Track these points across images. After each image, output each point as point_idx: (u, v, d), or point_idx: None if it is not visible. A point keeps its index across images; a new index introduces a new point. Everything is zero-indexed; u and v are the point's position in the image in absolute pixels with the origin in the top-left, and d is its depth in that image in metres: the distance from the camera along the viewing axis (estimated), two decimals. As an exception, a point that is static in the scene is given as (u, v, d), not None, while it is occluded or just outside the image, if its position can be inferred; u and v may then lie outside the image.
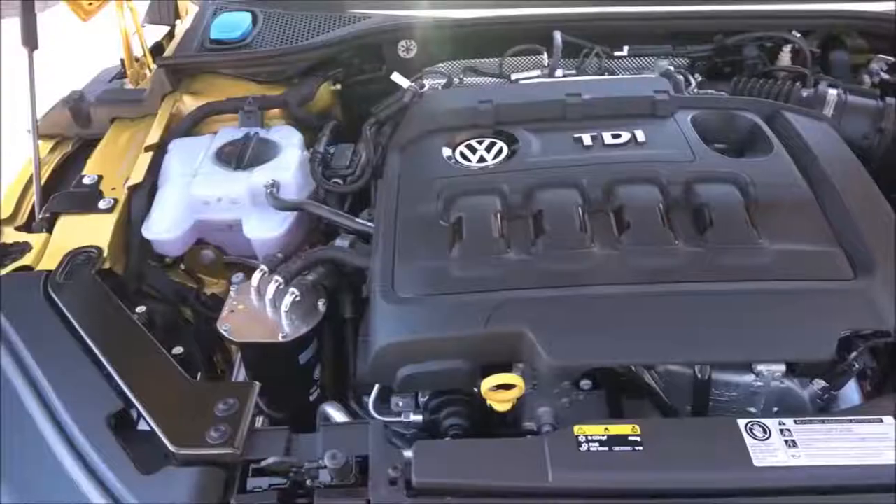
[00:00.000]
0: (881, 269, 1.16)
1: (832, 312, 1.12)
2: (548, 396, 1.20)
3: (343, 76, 1.97)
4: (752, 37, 1.90)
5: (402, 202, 1.39)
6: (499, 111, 1.54)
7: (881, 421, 1.00)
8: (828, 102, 1.62)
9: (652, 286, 1.16)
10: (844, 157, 1.43)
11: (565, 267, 1.21)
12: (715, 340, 1.10)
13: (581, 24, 1.90)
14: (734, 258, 1.20)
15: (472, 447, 1.03)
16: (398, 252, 1.29)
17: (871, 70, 1.87)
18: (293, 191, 1.59)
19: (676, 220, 1.28)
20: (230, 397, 1.08)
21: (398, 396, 1.24)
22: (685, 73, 1.86)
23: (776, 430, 0.99)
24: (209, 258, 1.63)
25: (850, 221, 1.24)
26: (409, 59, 1.97)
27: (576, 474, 0.95)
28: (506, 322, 1.13)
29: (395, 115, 1.71)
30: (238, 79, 1.91)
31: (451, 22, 1.96)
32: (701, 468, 0.95)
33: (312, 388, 1.44)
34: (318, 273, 1.40)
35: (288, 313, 1.32)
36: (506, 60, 1.92)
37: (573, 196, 1.32)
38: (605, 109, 1.53)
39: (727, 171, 1.35)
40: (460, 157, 1.48)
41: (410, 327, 1.17)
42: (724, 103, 1.62)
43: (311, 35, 1.95)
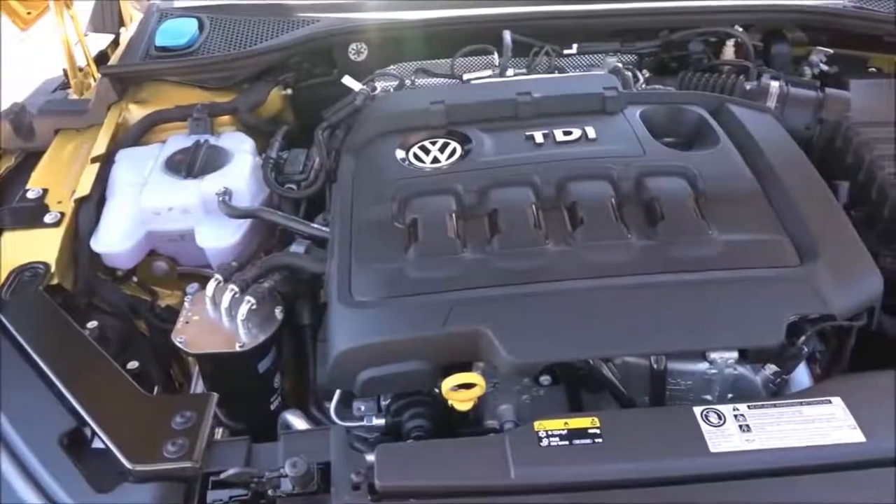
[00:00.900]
0: (825, 255, 1.19)
1: (780, 299, 1.15)
2: (509, 394, 1.21)
3: (294, 80, 1.95)
4: (696, 32, 1.94)
5: (357, 205, 1.38)
6: (451, 112, 1.54)
7: (830, 402, 1.03)
8: (770, 94, 1.66)
9: (606, 280, 1.18)
10: (788, 148, 1.47)
11: (521, 264, 1.22)
12: (669, 331, 1.12)
13: (530, 23, 1.92)
14: (685, 250, 1.22)
15: (435, 448, 1.03)
16: (354, 256, 1.28)
17: (811, 62, 1.92)
18: (246, 198, 1.57)
19: (628, 214, 1.30)
20: (187, 410, 1.06)
21: (360, 401, 1.24)
22: (633, 69, 1.90)
23: (731, 416, 1.01)
24: (162, 269, 1.60)
25: (795, 210, 1.28)
26: (361, 62, 1.96)
27: (537, 470, 0.96)
28: (464, 321, 1.14)
29: (348, 118, 1.70)
30: (186, 86, 1.87)
31: (401, 24, 1.96)
32: (659, 457, 0.96)
33: (273, 397, 1.43)
34: (275, 280, 1.39)
35: (245, 322, 1.31)
36: (457, 61, 1.92)
37: (527, 194, 1.34)
38: (555, 107, 1.54)
39: (676, 165, 1.38)
40: (414, 158, 1.48)
41: (369, 331, 1.17)
42: (671, 98, 1.65)
43: (260, 40, 1.92)
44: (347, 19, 1.98)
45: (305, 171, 1.65)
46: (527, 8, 1.94)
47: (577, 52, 1.95)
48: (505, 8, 1.95)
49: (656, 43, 1.96)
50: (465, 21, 1.93)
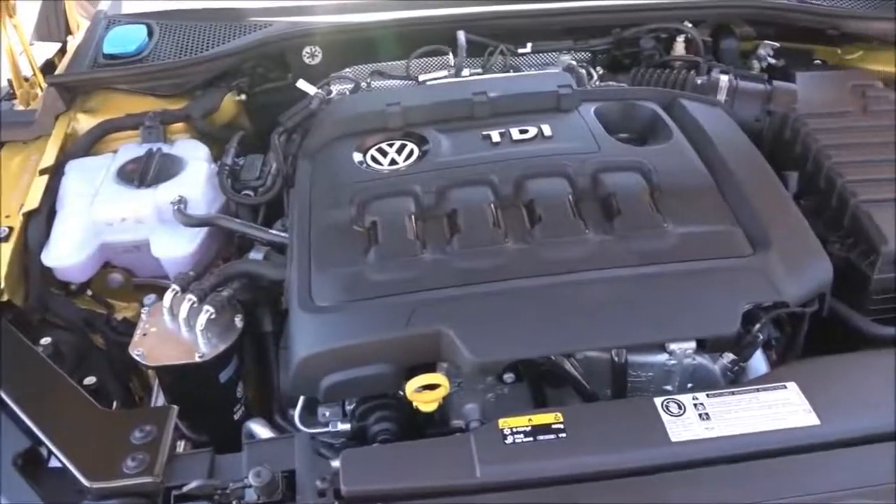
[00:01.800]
0: (776, 244, 1.22)
1: (734, 288, 1.17)
2: (473, 393, 1.21)
3: (248, 86, 1.92)
4: (647, 29, 1.96)
5: (315, 210, 1.37)
6: (407, 113, 1.54)
7: (785, 387, 1.06)
8: (720, 88, 1.70)
9: (566, 276, 1.19)
10: (738, 140, 1.50)
11: (481, 264, 1.22)
12: (628, 324, 1.14)
13: (484, 23, 1.93)
14: (641, 243, 1.24)
15: (400, 450, 1.03)
16: (314, 260, 1.27)
17: (758, 55, 1.96)
18: (202, 206, 1.54)
19: (585, 210, 1.32)
20: (147, 424, 1.04)
21: (324, 407, 1.23)
22: (587, 66, 1.92)
23: (690, 406, 1.03)
24: (117, 281, 1.57)
25: (746, 201, 1.31)
26: (315, 66, 1.95)
27: (503, 467, 0.96)
28: (426, 323, 1.14)
29: (304, 122, 1.69)
30: (136, 94, 1.84)
31: (355, 26, 1.95)
32: (622, 449, 0.98)
33: (236, 407, 1.41)
34: (234, 288, 1.37)
35: (204, 332, 1.29)
36: (413, 62, 1.92)
37: (485, 193, 1.34)
38: (511, 106, 1.55)
39: (631, 160, 1.40)
40: (371, 161, 1.47)
41: (331, 336, 1.16)
42: (624, 94, 1.68)
43: (212, 45, 1.90)
44: (300, 23, 1.96)
45: (262, 177, 1.63)
46: (480, 8, 1.95)
47: (532, 51, 1.97)
48: (459, 9, 1.95)
49: (609, 40, 1.99)
50: (420, 22, 1.93)
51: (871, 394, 1.07)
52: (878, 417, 1.03)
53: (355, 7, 2.03)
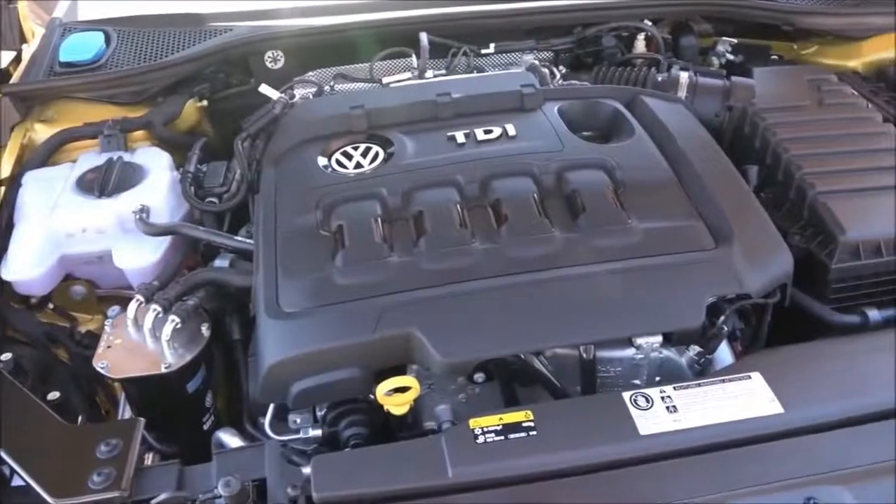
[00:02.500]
0: (738, 237, 1.24)
1: (698, 282, 1.19)
2: (444, 394, 1.21)
3: (209, 91, 1.91)
4: (608, 28, 1.99)
5: (281, 215, 1.36)
6: (371, 116, 1.53)
7: (750, 378, 1.07)
8: (681, 85, 1.72)
9: (533, 275, 1.20)
10: (699, 136, 1.52)
11: (449, 265, 1.22)
12: (595, 320, 1.15)
13: (446, 24, 1.93)
14: (607, 240, 1.25)
15: (371, 454, 1.02)
16: (280, 266, 1.26)
17: (717, 52, 2.00)
18: (165, 214, 1.52)
19: (551, 208, 1.32)
20: (112, 437, 1.02)
21: (295, 413, 1.22)
22: (550, 65, 1.93)
23: (658, 399, 1.04)
24: (80, 294, 1.54)
25: (708, 195, 1.33)
26: (278, 70, 1.94)
27: (474, 467, 0.96)
28: (395, 325, 1.13)
29: (267, 127, 1.67)
30: (95, 102, 1.80)
31: (318, 29, 1.94)
32: (592, 444, 0.98)
33: (206, 417, 1.39)
34: (199, 297, 1.36)
35: (170, 342, 1.27)
36: (376, 64, 1.91)
37: (451, 194, 1.34)
38: (475, 106, 1.56)
39: (594, 158, 1.41)
40: (336, 164, 1.47)
41: (299, 342, 1.15)
42: (587, 93, 1.69)
43: (172, 51, 1.88)
44: (262, 27, 1.95)
45: (226, 184, 1.61)
46: (442, 10, 1.96)
47: (495, 52, 1.97)
48: (421, 10, 1.95)
49: (571, 39, 2.01)
50: (382, 25, 1.93)
51: (833, 381, 1.10)
52: (840, 403, 1.05)
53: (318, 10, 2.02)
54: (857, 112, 1.64)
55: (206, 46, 1.87)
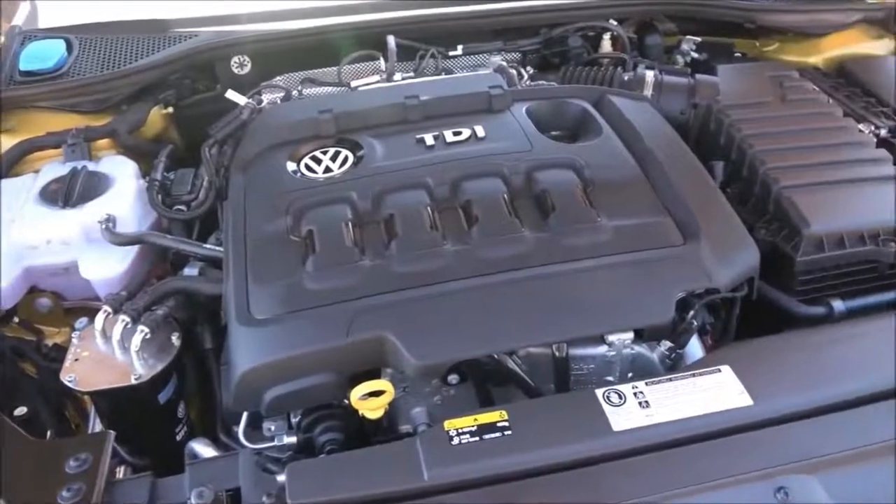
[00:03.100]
0: (706, 232, 1.26)
1: (667, 278, 1.20)
2: (420, 397, 1.21)
3: (175, 98, 1.88)
4: (574, 28, 2.00)
5: (250, 222, 1.35)
6: (340, 120, 1.53)
7: (720, 371, 1.09)
8: (647, 83, 1.74)
9: (504, 275, 1.20)
10: (665, 133, 1.54)
11: (420, 267, 1.22)
12: (567, 319, 1.15)
13: (414, 26, 1.93)
14: (577, 238, 1.26)
15: (346, 460, 1.02)
16: (251, 273, 1.25)
17: (682, 50, 2.03)
18: (132, 223, 1.50)
19: (521, 208, 1.33)
20: (82, 452, 1.01)
21: (269, 421, 1.21)
22: (517, 66, 1.94)
23: (630, 395, 1.05)
24: (46, 306, 1.51)
25: (675, 191, 1.34)
26: (244, 75, 1.92)
27: (450, 469, 0.96)
28: (367, 329, 1.13)
29: (235, 133, 1.66)
30: (58, 111, 1.77)
31: (284, 34, 1.93)
32: (566, 442, 0.99)
33: (178, 428, 1.37)
34: (169, 306, 1.34)
35: (139, 352, 1.25)
36: (344, 68, 1.91)
37: (421, 196, 1.34)
38: (444, 108, 1.56)
39: (563, 157, 1.42)
40: (305, 169, 1.46)
41: (271, 348, 1.14)
42: (554, 93, 1.70)
43: (135, 58, 1.85)
44: (227, 32, 1.93)
45: (194, 191, 1.59)
46: (410, 12, 1.96)
47: (463, 53, 1.98)
48: (388, 13, 1.95)
49: (538, 40, 2.02)
50: (349, 28, 1.92)
51: (800, 372, 1.12)
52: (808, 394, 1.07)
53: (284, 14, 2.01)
54: (818, 107, 1.67)
55: (170, 52, 1.85)
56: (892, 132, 1.65)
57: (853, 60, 1.94)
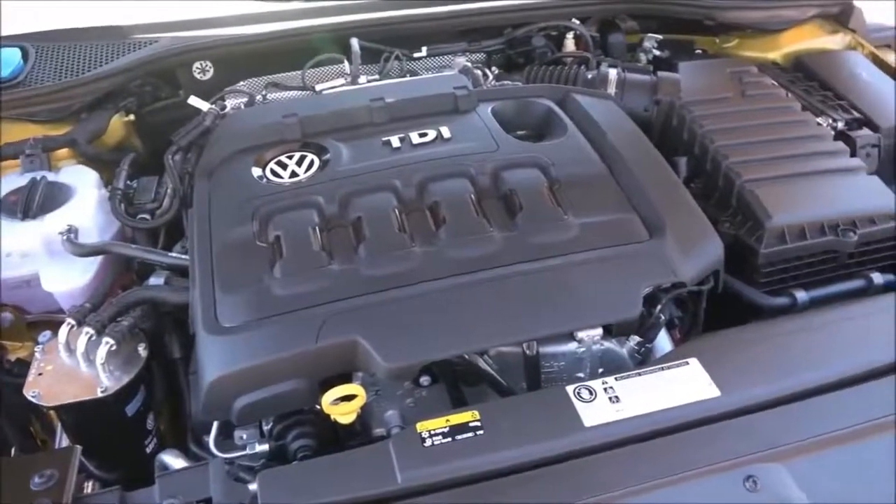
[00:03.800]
0: (671, 227, 1.27)
1: (634, 273, 1.21)
2: (392, 399, 1.21)
3: (136, 105, 1.85)
4: (538, 27, 2.02)
5: (216, 229, 1.34)
6: (305, 124, 1.52)
7: (688, 364, 1.10)
8: (610, 81, 1.76)
9: (473, 275, 1.20)
10: (629, 130, 1.56)
11: (389, 270, 1.22)
12: (536, 317, 1.16)
13: (377, 29, 1.93)
14: (544, 237, 1.26)
15: (318, 465, 1.01)
16: (217, 280, 1.23)
17: (644, 48, 2.05)
18: (94, 234, 1.48)
19: (489, 208, 1.33)
20: (47, 468, 0.98)
21: (241, 429, 1.19)
22: (482, 67, 1.95)
23: (601, 390, 1.06)
24: (7, 320, 1.48)
25: (640, 188, 1.36)
26: (207, 81, 1.90)
27: (423, 471, 0.96)
28: (337, 333, 1.12)
29: (198, 139, 1.64)
30: (14, 121, 1.73)
31: (246, 38, 1.91)
32: (538, 439, 0.99)
33: (148, 440, 1.35)
34: (135, 317, 1.32)
35: (105, 365, 1.23)
36: (309, 72, 1.90)
37: (389, 199, 1.34)
38: (409, 110, 1.56)
39: (529, 157, 1.43)
40: (271, 174, 1.45)
41: (240, 356, 1.13)
42: (519, 92, 1.71)
43: (95, 65, 1.82)
44: (189, 38, 1.90)
45: (158, 199, 1.57)
46: (372, 14, 1.95)
47: (427, 55, 1.98)
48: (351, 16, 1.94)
49: (502, 40, 2.03)
50: (312, 31, 1.91)
51: (766, 362, 1.14)
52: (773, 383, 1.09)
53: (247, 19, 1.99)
54: (777, 102, 1.70)
55: (130, 59, 1.82)
56: (849, 125, 1.69)
57: (810, 55, 1.98)
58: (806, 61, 1.96)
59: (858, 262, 1.42)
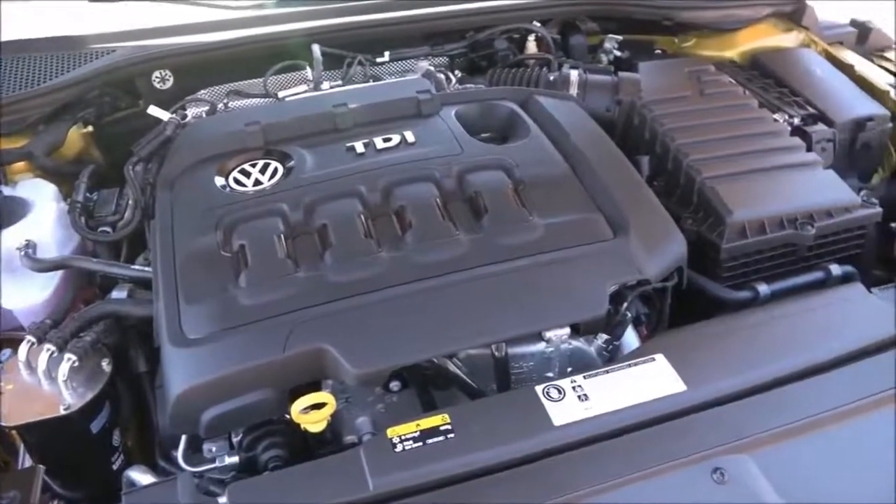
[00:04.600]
0: (634, 225, 1.29)
1: (600, 272, 1.22)
2: (362, 406, 1.20)
3: (95, 116, 1.82)
4: (499, 30, 2.03)
5: (179, 239, 1.32)
6: (268, 131, 1.51)
7: (654, 360, 1.12)
8: (572, 83, 1.77)
9: (440, 279, 1.20)
10: (592, 131, 1.57)
11: (356, 276, 1.22)
12: (504, 318, 1.16)
13: (338, 34, 1.92)
14: (510, 238, 1.27)
15: (289, 475, 1.00)
16: (182, 292, 1.22)
17: (605, 49, 2.07)
18: (53, 248, 1.45)
19: (454, 211, 1.34)
20: (9, 490, 0.97)
21: (210, 442, 1.18)
22: (445, 71, 1.95)
23: (569, 389, 1.07)
24: (-35, 340, 1.44)
25: (604, 187, 1.37)
26: (167, 90, 1.87)
27: (395, 476, 0.96)
28: (305, 341, 1.12)
29: (159, 149, 1.61)
30: (-32, 135, 1.69)
31: (206, 46, 1.89)
32: (508, 440, 1.00)
33: (114, 456, 1.32)
34: (97, 331, 1.29)
35: (67, 381, 1.20)
36: (271, 79, 1.88)
37: (354, 205, 1.34)
38: (373, 115, 1.56)
39: (493, 159, 1.43)
40: (234, 183, 1.43)
41: (206, 368, 1.11)
42: (483, 95, 1.71)
43: (51, 76, 1.78)
44: (147, 46, 1.88)
45: (119, 211, 1.55)
46: (334, 20, 1.94)
47: (390, 59, 1.98)
48: (312, 22, 1.93)
49: (464, 44, 2.03)
50: (273, 38, 1.90)
51: (731, 355, 1.16)
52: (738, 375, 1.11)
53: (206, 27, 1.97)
54: (735, 99, 1.73)
55: (88, 69, 1.79)
56: (805, 121, 1.73)
57: (765, 53, 2.02)
58: (762, 59, 2.00)
59: (817, 254, 1.46)
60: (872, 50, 2.08)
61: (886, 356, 1.16)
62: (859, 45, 2.08)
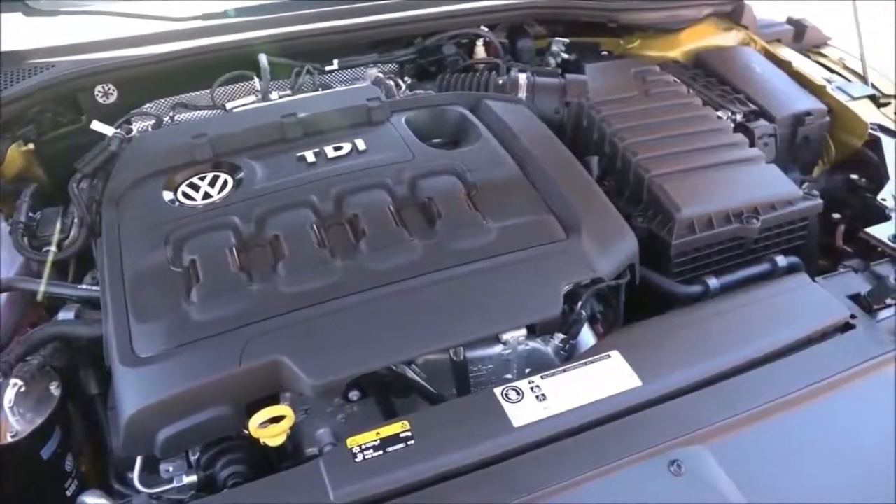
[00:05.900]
0: (586, 225, 1.31)
1: (554, 272, 1.24)
2: (322, 417, 1.19)
3: (36, 133, 1.77)
4: (447, 36, 2.03)
5: (127, 256, 1.29)
6: (216, 143, 1.49)
7: (610, 357, 1.13)
8: (521, 86, 1.78)
9: (396, 285, 1.20)
10: (541, 133, 1.59)
11: (310, 286, 1.21)
12: (460, 322, 1.16)
13: (285, 44, 1.90)
14: (464, 242, 1.28)
15: (250, 491, 0.99)
16: (131, 310, 1.19)
17: (552, 52, 2.08)
18: (-6, 271, 1.40)
19: (408, 217, 1.34)
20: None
21: (166, 462, 1.15)
22: (395, 77, 1.95)
23: (528, 390, 1.08)
24: None
25: (555, 188, 1.39)
26: (111, 104, 1.83)
27: (355, 486, 0.96)
28: (260, 354, 1.10)
29: (104, 165, 1.57)
30: None
31: (150, 58, 1.85)
32: (469, 444, 1.00)
33: (68, 482, 1.28)
34: (44, 354, 1.26)
35: (14, 408, 1.17)
36: (219, 90, 1.85)
37: (306, 215, 1.33)
38: (323, 124, 1.55)
39: (445, 164, 1.44)
40: (183, 197, 1.41)
41: (159, 386, 1.09)
42: (433, 101, 1.72)
43: (-14, 94, 1.72)
44: (88, 60, 1.83)
45: (64, 230, 1.50)
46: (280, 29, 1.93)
47: (339, 68, 1.97)
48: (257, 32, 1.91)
49: (413, 50, 2.03)
50: (218, 49, 1.87)
51: (684, 348, 1.18)
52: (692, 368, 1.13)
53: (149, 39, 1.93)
54: (679, 98, 1.77)
55: (26, 85, 1.74)
56: (747, 117, 1.77)
57: (708, 52, 2.07)
58: (704, 58, 2.05)
59: (763, 246, 1.49)
60: (809, 46, 2.15)
61: (832, 343, 1.19)
62: (796, 42, 2.15)
